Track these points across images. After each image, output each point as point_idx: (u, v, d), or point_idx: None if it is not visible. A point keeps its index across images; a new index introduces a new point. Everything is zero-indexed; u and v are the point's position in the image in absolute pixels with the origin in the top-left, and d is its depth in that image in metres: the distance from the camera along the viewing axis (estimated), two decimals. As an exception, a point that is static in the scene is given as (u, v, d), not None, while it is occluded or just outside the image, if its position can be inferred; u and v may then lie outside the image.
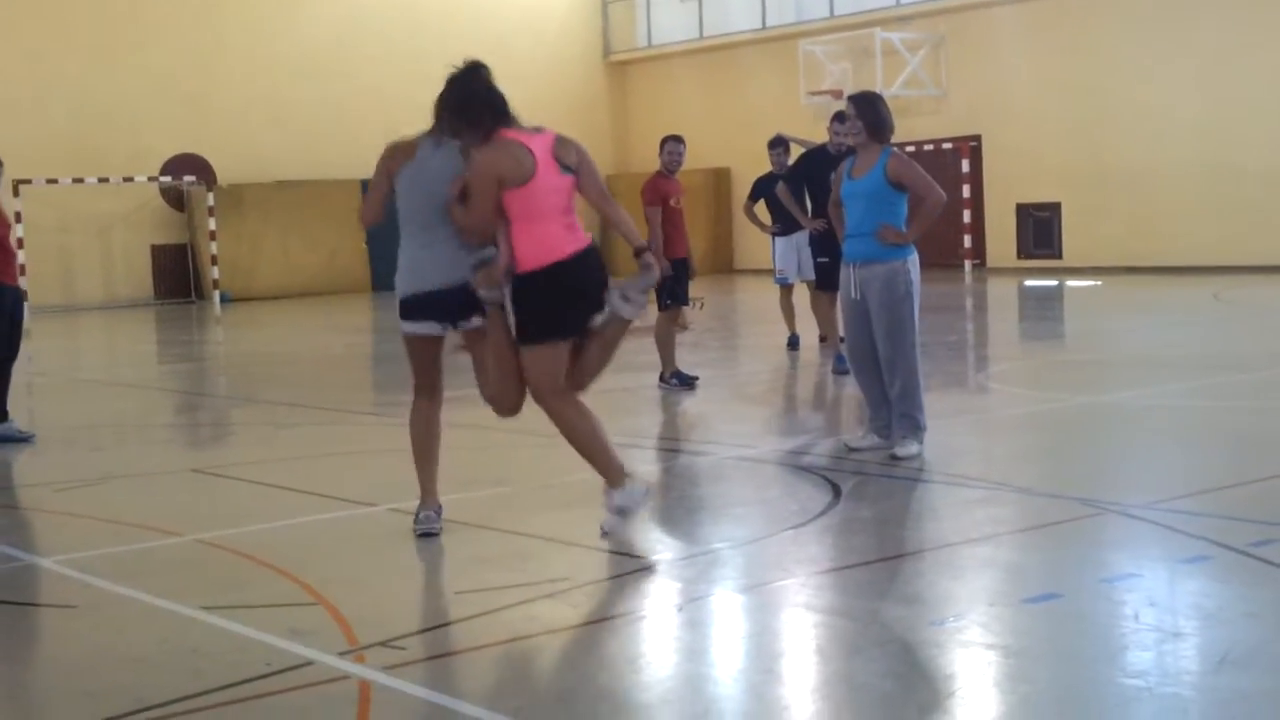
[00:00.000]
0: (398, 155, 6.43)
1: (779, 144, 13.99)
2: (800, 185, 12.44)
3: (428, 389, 6.70)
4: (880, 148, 8.03)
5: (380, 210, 6.47)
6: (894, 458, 7.83)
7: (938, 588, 5.47)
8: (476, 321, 6.39)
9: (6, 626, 5.45)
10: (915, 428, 7.95)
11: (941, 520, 6.77)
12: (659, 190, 11.69)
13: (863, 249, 8.01)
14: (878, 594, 5.33)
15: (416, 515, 6.53)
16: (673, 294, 11.65)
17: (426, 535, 6.44)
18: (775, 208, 13.59)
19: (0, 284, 9.53)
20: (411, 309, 6.43)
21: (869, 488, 7.40)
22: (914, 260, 8.01)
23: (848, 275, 8.13)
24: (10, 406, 9.73)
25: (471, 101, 6.30)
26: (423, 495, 6.58)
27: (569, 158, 6.26)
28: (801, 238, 13.00)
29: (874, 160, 7.99)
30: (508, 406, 6.55)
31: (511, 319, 6.20)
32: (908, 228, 7.97)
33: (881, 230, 7.90)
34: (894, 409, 8.03)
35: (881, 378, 8.07)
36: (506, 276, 6.15)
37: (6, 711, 4.35)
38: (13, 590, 5.91)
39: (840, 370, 11.58)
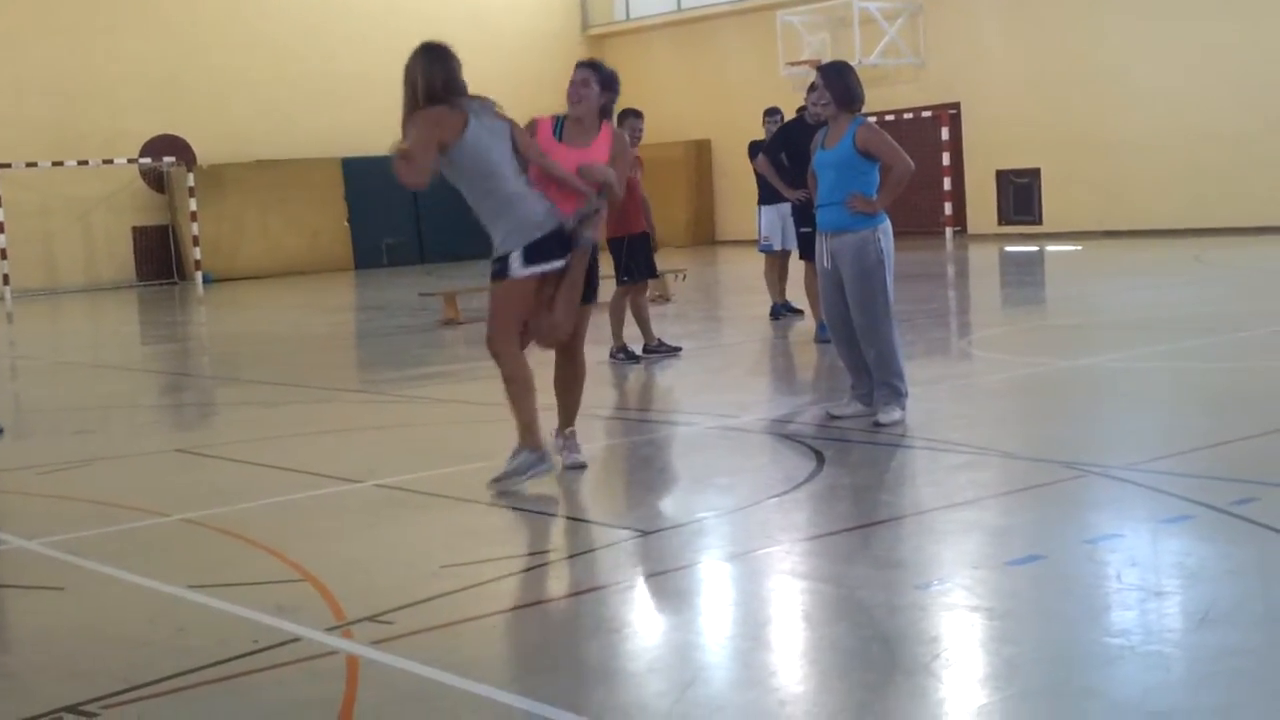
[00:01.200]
0: (446, 124, 6.61)
1: (775, 113, 13.97)
2: (779, 155, 12.47)
3: (521, 332, 6.93)
4: (851, 117, 8.06)
5: (427, 176, 6.62)
6: (877, 424, 7.87)
7: (922, 552, 5.50)
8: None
9: (-6, 609, 5.46)
10: (896, 394, 7.99)
11: (924, 485, 6.80)
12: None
13: (834, 218, 8.06)
14: (862, 559, 5.36)
15: (547, 454, 6.86)
16: (630, 269, 11.64)
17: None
18: (758, 177, 13.58)
19: None
20: (539, 251, 6.70)
21: (852, 455, 7.43)
22: (885, 229, 8.04)
23: (820, 244, 8.19)
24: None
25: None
26: (534, 436, 6.81)
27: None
28: (786, 207, 13.01)
29: (844, 130, 8.04)
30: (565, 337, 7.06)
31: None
32: (878, 196, 8.00)
33: (851, 199, 7.94)
34: (874, 377, 8.07)
35: (860, 345, 8.10)
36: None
37: (-4, 693, 4.36)
38: (0, 573, 5.92)
39: (823, 339, 11.62)
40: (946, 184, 25.96)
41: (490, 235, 6.84)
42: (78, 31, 27.89)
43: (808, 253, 11.97)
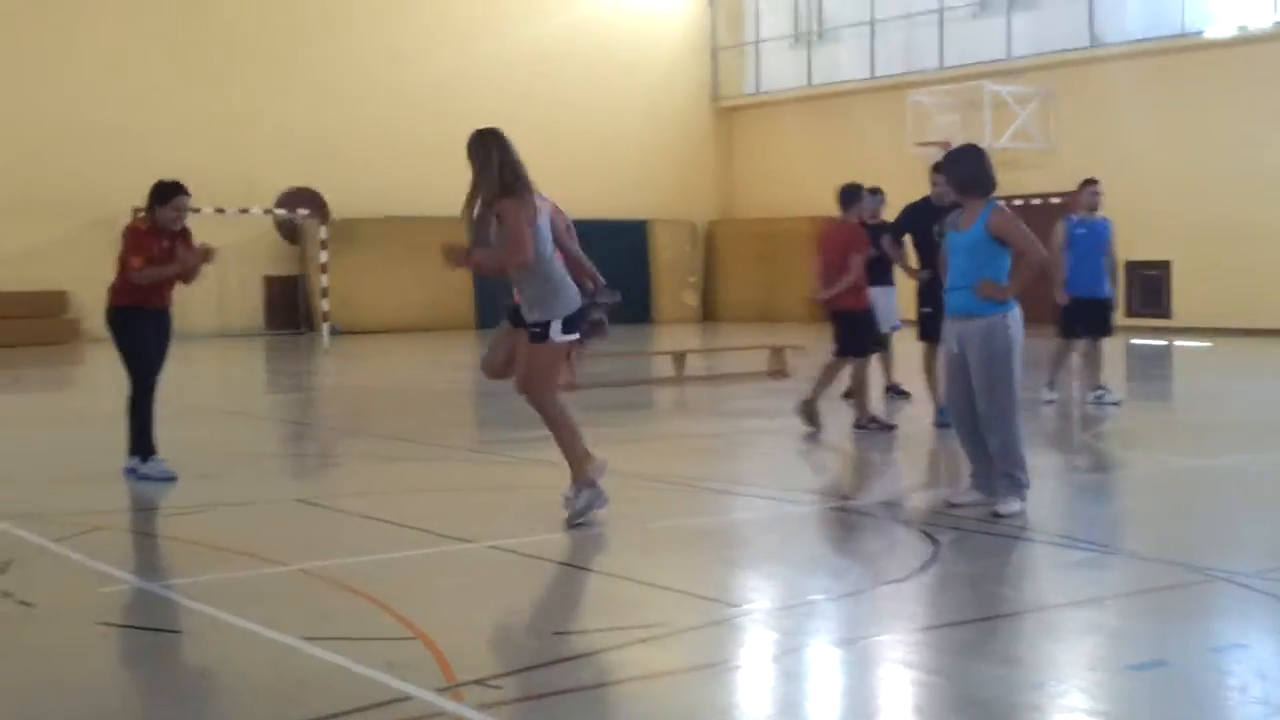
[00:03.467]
0: (531, 208, 7.64)
1: (876, 193, 13.98)
2: (901, 235, 12.47)
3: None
4: (984, 201, 7.99)
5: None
6: (995, 515, 7.74)
7: (1039, 650, 5.40)
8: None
9: (111, 650, 5.56)
10: (1016, 485, 7.86)
11: (1043, 581, 6.67)
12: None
13: (962, 302, 7.96)
14: (977, 654, 5.27)
15: (591, 496, 7.74)
16: (843, 345, 11.86)
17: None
18: (874, 259, 13.61)
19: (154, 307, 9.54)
20: (571, 324, 7.77)
21: (969, 544, 7.32)
22: (1015, 316, 7.92)
23: (948, 329, 8.10)
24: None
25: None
26: (593, 467, 7.76)
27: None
28: (892, 290, 13.18)
29: (977, 214, 7.96)
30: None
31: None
32: (1008, 283, 7.91)
33: (980, 284, 7.85)
34: (995, 466, 7.94)
35: (982, 433, 7.99)
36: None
37: (112, 733, 4.44)
38: (118, 614, 6.03)
39: (942, 423, 11.52)
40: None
41: (526, 302, 7.77)
42: (220, 83, 28.70)
43: (928, 333, 11.93)
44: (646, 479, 9.49)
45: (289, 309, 29.70)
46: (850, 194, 12.08)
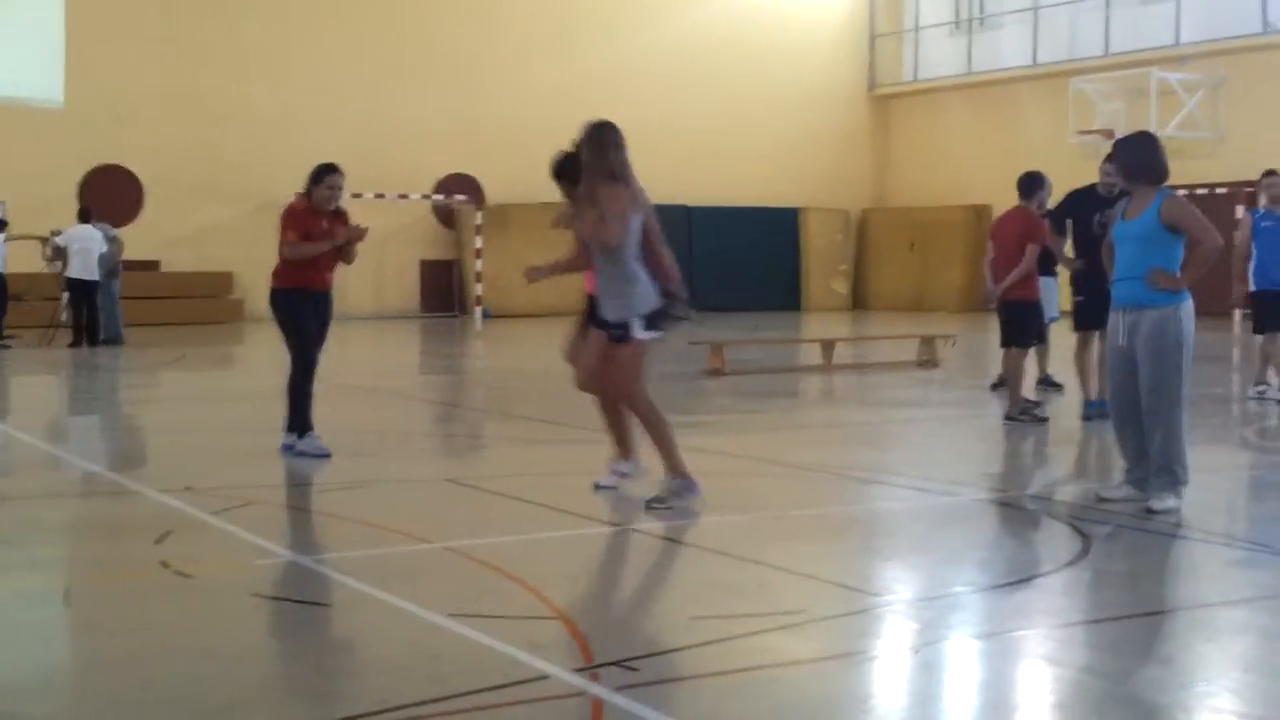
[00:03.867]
0: (629, 199, 7.73)
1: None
2: (1063, 224, 12.18)
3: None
4: (1156, 189, 7.74)
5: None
6: (1149, 511, 7.55)
7: (1190, 650, 5.26)
8: None
9: (262, 620, 5.71)
10: (1174, 481, 7.65)
11: (1197, 579, 6.50)
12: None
13: (1132, 293, 7.70)
14: (1125, 652, 5.16)
15: (682, 485, 7.72)
16: (1010, 334, 11.75)
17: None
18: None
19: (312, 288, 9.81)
20: (652, 321, 7.78)
21: (1121, 540, 7.17)
22: (1187, 308, 7.65)
23: (1115, 320, 7.84)
24: (285, 408, 10.03)
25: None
26: (681, 465, 7.74)
27: None
28: (1054, 280, 12.95)
29: (1149, 202, 7.71)
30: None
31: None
32: (1181, 273, 7.68)
33: (1152, 274, 7.60)
34: (1153, 461, 7.73)
35: (1143, 428, 7.78)
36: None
37: (258, 703, 4.56)
38: (271, 586, 6.19)
39: (1088, 416, 11.32)
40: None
41: (606, 299, 7.80)
42: (385, 72, 29.25)
43: (1082, 323, 11.71)
44: (792, 466, 9.46)
45: (444, 292, 30.19)
46: (1032, 181, 11.85)
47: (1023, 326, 11.70)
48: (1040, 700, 4.71)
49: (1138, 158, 7.81)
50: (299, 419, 9.81)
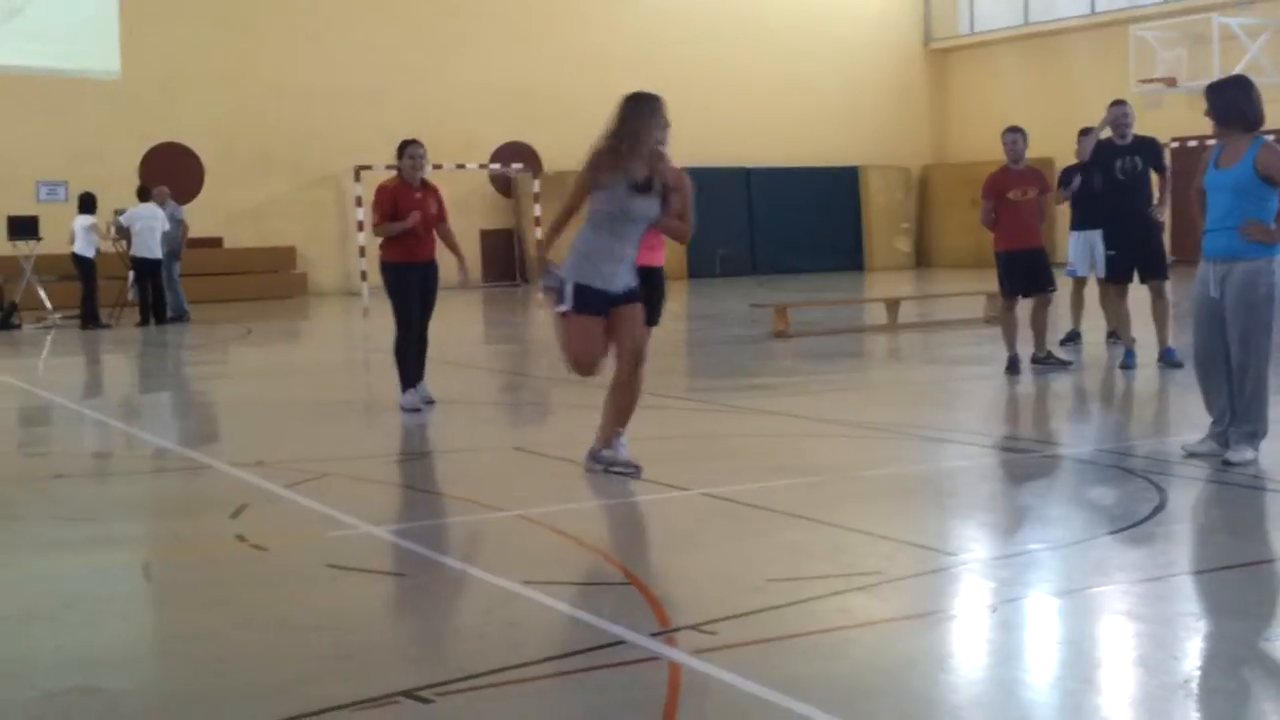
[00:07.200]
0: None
1: (1088, 133, 13.65)
2: (1091, 178, 12.54)
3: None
4: (1252, 137, 7.46)
5: None
6: (1226, 463, 7.44)
7: (1270, 603, 5.20)
8: None
9: (338, 591, 5.75)
10: (1253, 434, 7.52)
11: (1277, 531, 6.42)
12: (992, 184, 12.13)
13: (1225, 244, 7.47)
14: (1205, 605, 5.10)
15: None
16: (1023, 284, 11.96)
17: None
18: (1076, 201, 13.58)
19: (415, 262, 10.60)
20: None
21: (1197, 493, 7.08)
22: None
23: (1205, 271, 7.60)
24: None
25: None
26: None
27: None
28: (1095, 234, 12.98)
29: (1243, 151, 7.43)
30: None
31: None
32: (1277, 224, 7.40)
33: (1247, 225, 7.37)
34: (1237, 414, 7.58)
35: (1228, 382, 7.56)
36: None
37: (335, 673, 4.59)
38: (347, 556, 6.23)
39: (1128, 365, 11.62)
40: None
41: (630, 266, 7.73)
42: (439, 43, 29.25)
43: (1114, 274, 11.85)
44: (860, 426, 9.41)
45: (505, 261, 30.23)
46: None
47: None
48: (1121, 656, 4.66)
49: (1228, 103, 7.53)
50: (407, 375, 10.54)
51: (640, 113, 7.68)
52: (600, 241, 7.55)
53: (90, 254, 20.44)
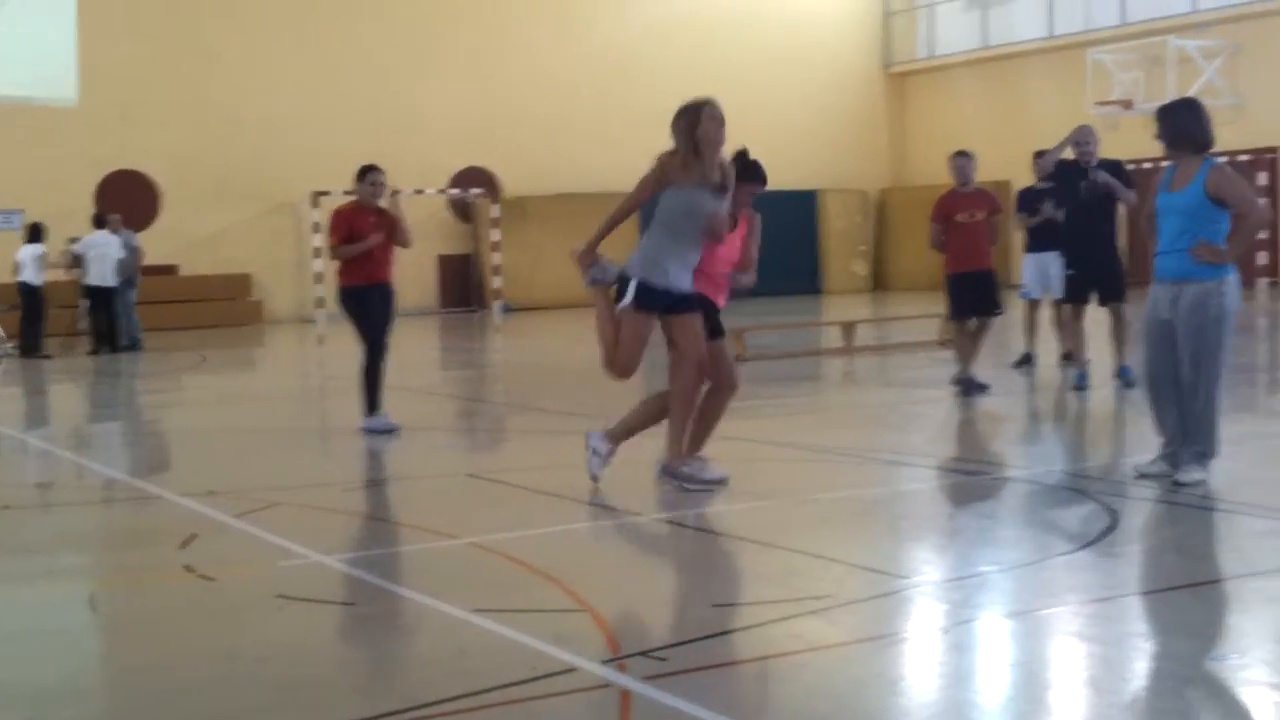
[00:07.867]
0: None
1: (1041, 155, 13.83)
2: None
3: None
4: (1202, 159, 7.51)
5: None
6: (1176, 483, 7.48)
7: (1219, 622, 5.22)
8: None
9: (287, 621, 5.70)
10: (1202, 454, 7.56)
11: (1225, 551, 6.45)
12: (941, 207, 12.17)
13: (1176, 266, 7.49)
14: (1154, 626, 5.12)
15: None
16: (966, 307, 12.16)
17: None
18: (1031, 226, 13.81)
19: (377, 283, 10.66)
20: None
21: (1148, 514, 7.11)
22: (1232, 282, 7.46)
23: (1157, 293, 7.64)
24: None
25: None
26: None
27: None
28: (1049, 256, 13.06)
29: (1194, 173, 7.47)
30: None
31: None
32: (1227, 246, 7.46)
33: (1197, 247, 7.40)
34: (1186, 435, 7.61)
35: (1179, 403, 7.59)
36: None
37: (284, 704, 4.54)
38: (297, 586, 6.17)
39: (1081, 386, 11.68)
40: (1263, 232, 24.73)
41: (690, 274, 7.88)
42: (397, 70, 29.22)
43: (1072, 294, 12.07)
44: (815, 450, 9.42)
45: (462, 287, 30.16)
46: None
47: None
48: (1071, 677, 4.67)
49: (1178, 125, 7.56)
50: (372, 399, 10.59)
51: (703, 117, 7.84)
52: (669, 241, 7.83)
53: (39, 283, 20.28)
